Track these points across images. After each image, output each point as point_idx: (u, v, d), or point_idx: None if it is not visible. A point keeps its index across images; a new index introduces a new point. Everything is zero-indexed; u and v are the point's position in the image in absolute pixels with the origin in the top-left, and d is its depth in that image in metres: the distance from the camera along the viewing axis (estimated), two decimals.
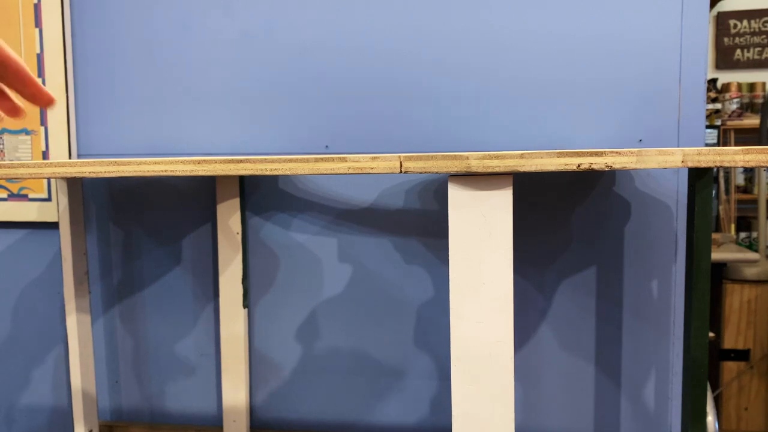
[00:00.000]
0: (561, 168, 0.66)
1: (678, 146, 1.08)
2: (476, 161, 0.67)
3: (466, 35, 1.12)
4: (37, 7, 1.22)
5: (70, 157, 1.24)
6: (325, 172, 0.71)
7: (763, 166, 0.67)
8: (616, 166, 0.66)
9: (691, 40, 1.06)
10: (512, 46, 1.11)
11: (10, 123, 1.25)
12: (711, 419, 1.48)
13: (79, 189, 1.17)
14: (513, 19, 1.10)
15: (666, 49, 1.07)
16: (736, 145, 2.80)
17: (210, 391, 1.26)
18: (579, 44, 1.09)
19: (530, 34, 1.10)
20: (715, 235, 2.54)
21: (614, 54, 1.08)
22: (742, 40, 3.11)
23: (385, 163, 0.69)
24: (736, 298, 2.37)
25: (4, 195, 1.27)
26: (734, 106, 2.83)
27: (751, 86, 2.94)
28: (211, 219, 1.23)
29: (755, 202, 2.53)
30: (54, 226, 1.27)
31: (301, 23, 1.16)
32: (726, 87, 2.93)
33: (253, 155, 1.12)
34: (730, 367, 2.37)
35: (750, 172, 2.83)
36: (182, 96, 1.21)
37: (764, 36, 3.09)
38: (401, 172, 0.69)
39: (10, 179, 1.18)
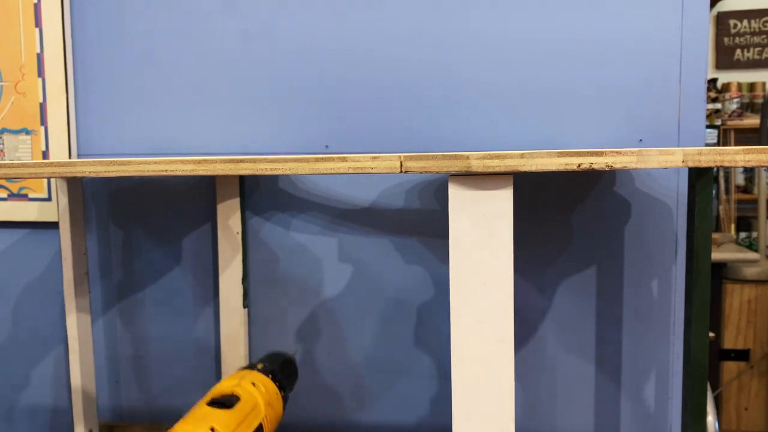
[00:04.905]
0: (561, 168, 0.66)
1: (678, 146, 1.08)
2: (477, 161, 0.67)
3: (467, 37, 1.12)
4: (37, 7, 1.22)
5: (70, 157, 1.24)
6: (325, 172, 0.71)
7: (763, 166, 0.67)
8: (617, 165, 0.66)
9: (691, 40, 1.06)
10: (512, 47, 1.11)
11: (10, 123, 1.25)
12: (711, 419, 1.48)
13: (79, 189, 1.17)
14: (513, 20, 1.10)
15: (666, 49, 1.07)
16: (736, 145, 2.80)
17: None
18: (579, 44, 1.09)
19: (531, 34, 1.10)
20: (715, 235, 2.54)
21: (614, 54, 1.08)
22: (742, 40, 3.11)
23: (386, 162, 0.69)
24: (736, 298, 2.37)
25: (4, 195, 1.27)
26: (734, 106, 2.83)
27: (751, 86, 2.94)
28: (211, 219, 1.23)
29: (755, 202, 2.53)
30: (54, 226, 1.27)
31: (302, 23, 1.16)
32: (726, 87, 2.93)
33: (253, 155, 1.11)
34: (730, 367, 2.37)
35: (750, 172, 2.83)
36: (182, 96, 1.21)
37: (764, 36, 3.09)
38: (402, 171, 0.69)
39: (10, 179, 1.18)
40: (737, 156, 0.68)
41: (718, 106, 2.80)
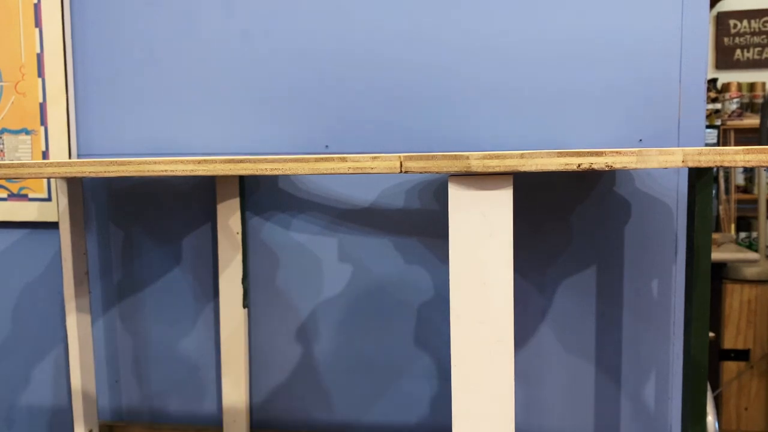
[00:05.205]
0: (561, 168, 0.66)
1: (678, 146, 1.08)
2: (476, 161, 0.67)
3: (467, 37, 1.12)
4: (37, 7, 1.22)
5: (70, 157, 1.24)
6: (325, 172, 0.71)
7: (763, 166, 0.67)
8: (617, 165, 0.66)
9: (691, 40, 1.06)
10: (513, 47, 1.11)
11: (10, 123, 1.25)
12: (711, 419, 1.48)
13: (79, 189, 1.17)
14: (513, 20, 1.10)
15: (666, 49, 1.07)
16: (736, 145, 2.80)
17: (210, 391, 1.26)
18: (579, 44, 1.09)
19: (531, 34, 1.10)
20: (715, 235, 2.54)
21: (615, 54, 1.08)
22: (742, 40, 3.11)
23: (386, 162, 0.69)
24: (736, 298, 2.37)
25: (4, 195, 1.27)
26: (734, 106, 2.83)
27: (751, 86, 2.94)
28: (211, 219, 1.23)
29: (755, 202, 2.53)
30: (54, 226, 1.27)
31: (302, 23, 1.16)
32: (726, 87, 2.93)
33: (253, 155, 1.11)
34: (730, 367, 2.37)
35: (750, 172, 2.83)
36: (182, 96, 1.21)
37: (764, 36, 3.09)
38: (401, 171, 0.69)
39: (10, 179, 1.18)
40: (737, 156, 0.68)
41: (718, 106, 2.80)
